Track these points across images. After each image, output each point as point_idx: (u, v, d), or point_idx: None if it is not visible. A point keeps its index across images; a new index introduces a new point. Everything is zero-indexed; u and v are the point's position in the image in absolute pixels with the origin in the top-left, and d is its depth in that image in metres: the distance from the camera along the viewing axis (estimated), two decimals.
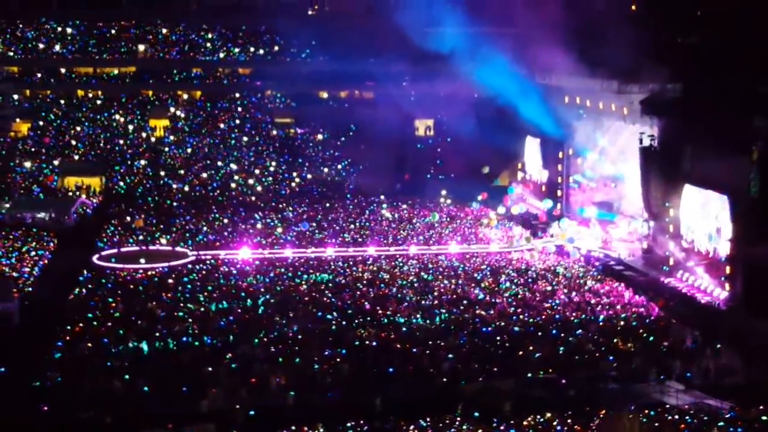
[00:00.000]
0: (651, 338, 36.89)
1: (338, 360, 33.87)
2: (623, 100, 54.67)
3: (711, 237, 44.01)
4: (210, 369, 32.68)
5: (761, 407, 28.98)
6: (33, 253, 49.80)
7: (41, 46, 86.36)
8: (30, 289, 43.55)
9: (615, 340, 36.37)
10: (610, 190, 59.43)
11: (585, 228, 55.43)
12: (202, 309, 39.95)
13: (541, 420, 28.60)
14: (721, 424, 27.88)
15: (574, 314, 39.92)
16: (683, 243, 46.58)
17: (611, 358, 34.53)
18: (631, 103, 53.22)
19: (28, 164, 70.58)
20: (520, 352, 34.88)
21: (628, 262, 50.17)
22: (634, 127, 52.52)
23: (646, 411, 29.25)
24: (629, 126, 54.52)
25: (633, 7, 61.14)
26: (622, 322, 38.96)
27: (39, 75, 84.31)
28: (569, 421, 28.45)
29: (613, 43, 50.25)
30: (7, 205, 60.49)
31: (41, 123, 78.98)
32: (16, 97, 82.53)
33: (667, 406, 30.71)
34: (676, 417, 28.96)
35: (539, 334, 37.14)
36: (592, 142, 60.56)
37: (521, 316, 39.44)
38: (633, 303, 42.14)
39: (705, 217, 44.51)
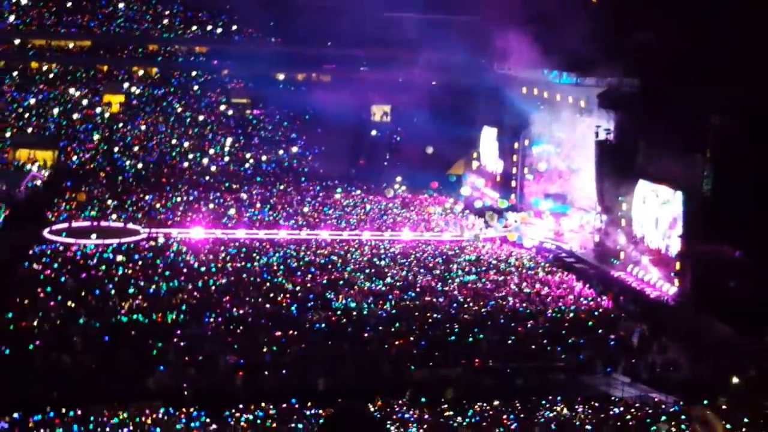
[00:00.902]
0: (599, 331, 37.25)
1: (287, 342, 33.80)
2: (580, 93, 55.03)
3: (662, 233, 44.55)
4: (159, 346, 32.43)
5: (705, 402, 29.45)
6: None
7: None
8: None
9: (564, 332, 36.70)
10: (564, 182, 59.87)
11: (538, 219, 55.84)
12: (153, 287, 39.59)
13: (488, 408, 28.80)
14: (664, 417, 28.29)
15: (524, 304, 40.23)
16: (634, 237, 47.14)
17: (559, 349, 34.86)
18: (588, 96, 53.57)
19: None
20: (470, 340, 35.07)
21: (580, 255, 50.66)
22: (591, 120, 52.91)
23: (592, 403, 29.61)
24: (585, 119, 54.89)
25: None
26: (571, 314, 39.32)
27: None
28: (517, 410, 28.69)
29: (572, 34, 50.51)
30: None
31: None
32: None
33: (613, 398, 31.11)
34: (621, 409, 29.35)
35: (489, 323, 37.36)
36: (548, 133, 60.91)
37: (472, 305, 39.64)
38: (583, 295, 42.56)
39: (657, 213, 45.04)
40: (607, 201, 49.72)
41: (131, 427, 25.57)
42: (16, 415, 25.82)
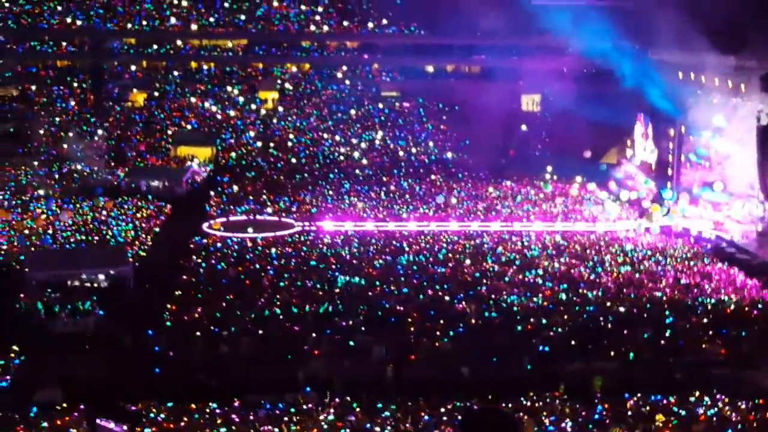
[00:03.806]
0: (764, 323, 35.70)
1: (438, 333, 33.90)
2: (740, 77, 52.78)
3: None
4: (313, 336, 33.14)
5: None
6: (147, 219, 51.37)
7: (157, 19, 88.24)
8: (144, 254, 44.89)
9: (725, 325, 35.34)
10: (723, 169, 57.47)
11: (696, 208, 53.91)
12: (307, 279, 40.45)
13: (642, 402, 28.10)
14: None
15: (682, 296, 38.97)
16: None
17: (720, 342, 33.60)
18: (749, 80, 51.35)
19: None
20: (625, 333, 34.25)
21: (741, 245, 48.63)
22: (752, 105, 50.68)
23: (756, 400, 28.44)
24: (746, 103, 52.62)
25: None
26: (733, 306, 37.86)
27: (155, 47, 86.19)
28: (673, 405, 27.88)
29: (732, 16, 48.53)
30: (123, 174, 62.48)
31: (156, 93, 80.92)
32: (133, 68, 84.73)
33: None
34: None
35: (645, 315, 36.39)
36: (706, 119, 58.61)
37: (627, 297, 38.71)
38: (745, 286, 40.85)
39: None
40: None
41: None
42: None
